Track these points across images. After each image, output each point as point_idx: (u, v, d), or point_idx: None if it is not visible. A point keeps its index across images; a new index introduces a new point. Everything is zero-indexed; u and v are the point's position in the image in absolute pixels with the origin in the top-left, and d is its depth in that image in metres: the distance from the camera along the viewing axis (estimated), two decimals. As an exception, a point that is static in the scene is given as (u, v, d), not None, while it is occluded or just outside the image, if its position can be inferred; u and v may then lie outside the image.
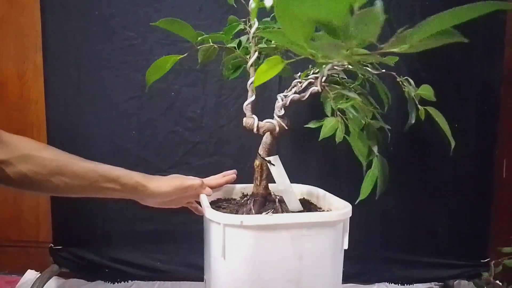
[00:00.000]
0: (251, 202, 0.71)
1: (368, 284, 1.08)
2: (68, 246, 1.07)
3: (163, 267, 1.07)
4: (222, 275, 0.63)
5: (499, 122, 1.06)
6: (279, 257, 0.62)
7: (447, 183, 1.06)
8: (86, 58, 1.01)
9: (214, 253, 0.63)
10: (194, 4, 1.01)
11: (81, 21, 1.01)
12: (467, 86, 1.04)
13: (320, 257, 0.64)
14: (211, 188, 0.75)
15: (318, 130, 0.69)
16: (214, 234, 0.62)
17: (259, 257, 0.61)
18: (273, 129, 0.69)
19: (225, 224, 0.60)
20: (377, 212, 1.05)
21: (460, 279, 1.08)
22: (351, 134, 0.64)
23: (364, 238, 1.00)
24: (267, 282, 0.62)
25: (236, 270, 0.62)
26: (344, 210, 0.66)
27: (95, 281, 1.07)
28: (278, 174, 0.69)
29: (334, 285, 0.67)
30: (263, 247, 0.61)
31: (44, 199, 1.12)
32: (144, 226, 1.06)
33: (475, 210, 1.07)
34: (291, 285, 0.63)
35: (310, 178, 0.87)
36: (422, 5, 1.00)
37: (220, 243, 0.61)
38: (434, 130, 0.80)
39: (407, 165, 1.05)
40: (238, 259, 0.61)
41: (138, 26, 1.01)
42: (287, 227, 0.61)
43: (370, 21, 0.34)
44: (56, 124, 1.04)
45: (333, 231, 0.64)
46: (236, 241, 0.60)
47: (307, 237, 0.62)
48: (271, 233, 0.61)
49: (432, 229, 1.08)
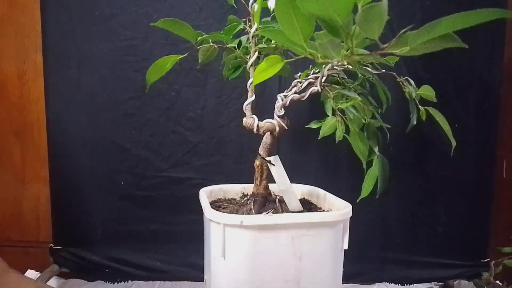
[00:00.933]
0: (251, 202, 0.71)
1: (368, 284, 1.08)
2: (68, 246, 1.07)
3: (163, 267, 1.07)
4: (222, 274, 0.63)
5: (499, 122, 1.06)
6: (279, 257, 0.62)
7: (447, 183, 1.06)
8: (86, 58, 1.01)
9: (214, 253, 0.63)
10: (194, 4, 1.01)
11: (81, 21, 1.01)
12: (467, 86, 1.04)
13: (320, 257, 0.64)
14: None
15: (318, 130, 0.69)
16: (214, 234, 0.62)
17: (259, 257, 0.61)
18: (273, 129, 0.69)
19: (225, 224, 0.60)
20: (377, 212, 1.05)
21: (460, 279, 1.08)
22: (351, 133, 0.64)
23: (364, 238, 1.00)
24: (267, 282, 0.62)
25: (236, 270, 0.62)
26: (344, 210, 0.66)
27: (95, 281, 1.07)
28: (278, 174, 0.69)
29: (334, 285, 0.67)
30: (263, 247, 0.61)
31: (44, 199, 1.12)
32: (144, 226, 1.06)
33: (475, 210, 1.07)
34: (291, 285, 0.63)
35: (310, 178, 0.88)
36: (422, 5, 1.00)
37: (220, 243, 0.61)
38: (434, 130, 0.80)
39: (407, 165, 1.05)
40: (238, 259, 0.61)
41: (138, 26, 1.01)
42: (287, 227, 0.61)
43: (375, 18, 0.34)
44: (56, 124, 1.04)
45: (333, 231, 0.65)
46: (236, 241, 0.60)
47: (307, 237, 0.62)
48: (271, 233, 0.61)
49: (432, 229, 1.08)
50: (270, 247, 0.61)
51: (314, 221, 0.62)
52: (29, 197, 1.13)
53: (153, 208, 1.06)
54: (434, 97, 0.67)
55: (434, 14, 0.35)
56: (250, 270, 0.61)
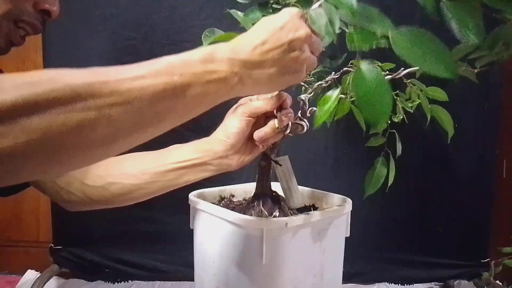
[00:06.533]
0: (260, 203, 0.70)
1: (368, 284, 1.08)
2: (68, 246, 1.07)
3: (163, 267, 1.07)
4: (260, 278, 0.62)
5: (499, 122, 1.05)
6: (309, 253, 0.65)
7: (447, 183, 1.06)
8: (86, 58, 1.01)
9: (246, 259, 0.63)
10: (194, 4, 1.01)
11: (81, 21, 1.01)
12: (467, 86, 1.03)
13: (337, 248, 0.70)
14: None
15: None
16: (244, 240, 0.62)
17: (296, 256, 0.63)
18: (302, 130, 0.67)
19: (267, 228, 0.59)
20: (377, 212, 1.05)
21: (460, 279, 1.08)
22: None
23: (364, 238, 1.00)
24: (301, 279, 0.64)
25: (276, 273, 0.62)
26: (349, 203, 0.72)
27: (95, 281, 1.07)
28: (285, 174, 0.69)
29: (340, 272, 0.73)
30: (299, 245, 0.63)
31: (44, 199, 1.12)
32: (144, 226, 1.06)
33: (475, 210, 1.07)
34: (318, 279, 0.66)
35: (311, 178, 0.87)
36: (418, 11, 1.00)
37: (256, 247, 0.60)
38: (434, 130, 0.80)
39: (407, 165, 1.05)
40: (277, 262, 0.61)
41: (138, 26, 1.01)
42: (317, 223, 0.64)
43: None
44: (56, 124, 1.04)
45: (344, 223, 0.71)
46: (277, 243, 0.60)
47: (327, 231, 0.66)
48: (305, 231, 0.63)
49: (432, 229, 1.08)
50: (304, 245, 0.63)
51: (334, 214, 0.67)
52: (29, 197, 1.13)
53: (153, 208, 1.05)
54: (445, 97, 0.68)
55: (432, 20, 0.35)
56: (289, 270, 0.62)
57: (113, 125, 0.34)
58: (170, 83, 0.38)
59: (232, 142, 0.59)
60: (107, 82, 0.35)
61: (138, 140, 0.40)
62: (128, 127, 0.36)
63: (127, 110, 0.35)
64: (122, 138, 0.37)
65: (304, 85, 0.71)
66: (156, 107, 0.37)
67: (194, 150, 0.62)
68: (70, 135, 0.32)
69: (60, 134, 0.32)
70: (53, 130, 0.31)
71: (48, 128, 0.31)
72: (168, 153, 0.63)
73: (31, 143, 0.31)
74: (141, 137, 0.40)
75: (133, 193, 0.62)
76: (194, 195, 0.77)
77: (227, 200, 0.81)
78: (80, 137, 0.33)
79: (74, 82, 0.34)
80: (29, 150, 0.31)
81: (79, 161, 0.37)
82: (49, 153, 0.32)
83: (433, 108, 0.69)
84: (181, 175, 0.61)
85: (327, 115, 0.55)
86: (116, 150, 0.38)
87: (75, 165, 0.38)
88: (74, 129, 0.32)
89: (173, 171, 0.61)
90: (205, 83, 0.40)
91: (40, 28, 0.55)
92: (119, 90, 0.35)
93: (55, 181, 0.61)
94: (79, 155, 0.35)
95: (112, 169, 0.62)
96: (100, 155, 0.38)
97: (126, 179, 0.61)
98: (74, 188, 0.61)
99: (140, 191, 0.62)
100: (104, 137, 0.35)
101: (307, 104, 0.64)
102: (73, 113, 0.32)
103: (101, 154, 0.38)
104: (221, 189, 0.83)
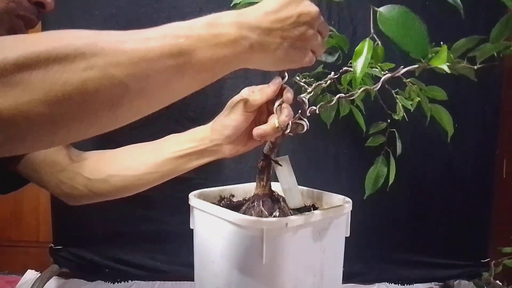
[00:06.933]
0: (260, 203, 0.70)
1: (368, 284, 1.08)
2: (68, 246, 1.07)
3: (163, 267, 1.07)
4: (260, 278, 0.63)
5: (499, 122, 1.05)
6: (310, 252, 0.65)
7: (447, 183, 1.06)
8: (86, 58, 1.01)
9: (246, 259, 0.63)
10: (194, 4, 1.01)
11: (81, 21, 1.01)
12: (467, 86, 1.03)
13: (336, 247, 0.70)
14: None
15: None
16: (245, 239, 0.62)
17: (297, 255, 0.63)
18: (302, 129, 0.67)
19: (267, 228, 0.60)
20: (377, 212, 1.05)
21: (460, 279, 1.08)
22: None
23: (364, 238, 1.00)
24: (301, 279, 0.64)
25: (275, 273, 0.62)
26: (349, 203, 0.72)
27: (95, 281, 1.07)
28: (284, 173, 0.69)
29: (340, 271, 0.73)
30: (300, 245, 0.63)
31: (44, 199, 1.12)
32: (144, 226, 1.06)
33: (475, 210, 1.07)
34: (318, 278, 0.66)
35: (311, 178, 0.87)
36: (423, 5, 1.00)
37: (258, 247, 0.60)
38: (434, 130, 0.80)
39: (407, 165, 1.05)
40: (278, 262, 0.61)
41: (138, 26, 1.00)
42: (317, 222, 0.64)
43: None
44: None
45: (344, 223, 0.71)
46: (277, 243, 0.60)
47: (327, 231, 0.66)
48: (306, 230, 0.63)
49: (432, 229, 1.08)
50: (304, 245, 0.64)
51: (334, 214, 0.67)
52: (29, 197, 1.13)
53: (153, 208, 1.06)
54: (445, 96, 0.69)
55: (434, 14, 0.35)
56: (289, 270, 0.62)
57: (118, 86, 0.34)
58: (176, 45, 0.37)
59: (228, 133, 0.59)
60: (111, 41, 0.34)
61: (144, 109, 0.39)
62: (134, 90, 0.35)
63: (132, 71, 0.34)
64: (128, 103, 0.36)
65: (304, 85, 0.71)
66: (162, 70, 0.36)
67: (191, 139, 0.63)
68: (73, 95, 0.31)
69: (63, 94, 0.31)
70: (56, 89, 0.31)
71: (50, 87, 0.30)
72: (165, 143, 0.64)
73: (33, 103, 0.30)
74: (148, 105, 0.39)
75: (134, 184, 0.63)
76: (194, 195, 0.76)
77: (227, 200, 0.81)
78: (84, 98, 0.32)
79: (77, 41, 0.33)
80: (32, 112, 0.30)
81: (85, 127, 0.35)
82: (53, 116, 0.31)
83: (433, 108, 0.69)
84: (179, 164, 0.62)
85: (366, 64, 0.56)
86: (123, 117, 0.38)
87: (81, 132, 0.36)
88: (77, 88, 0.31)
89: (171, 160, 0.62)
90: (212, 46, 0.40)
91: (36, 22, 0.54)
92: (123, 50, 0.34)
93: (57, 176, 0.62)
94: (85, 119, 0.34)
95: (112, 162, 0.64)
96: (106, 122, 0.37)
97: (126, 171, 0.62)
98: (77, 182, 0.63)
99: (140, 181, 0.63)
100: (109, 99, 0.34)
101: (307, 104, 0.64)
102: (76, 72, 0.31)
103: (107, 120, 0.37)
104: (221, 189, 0.83)
